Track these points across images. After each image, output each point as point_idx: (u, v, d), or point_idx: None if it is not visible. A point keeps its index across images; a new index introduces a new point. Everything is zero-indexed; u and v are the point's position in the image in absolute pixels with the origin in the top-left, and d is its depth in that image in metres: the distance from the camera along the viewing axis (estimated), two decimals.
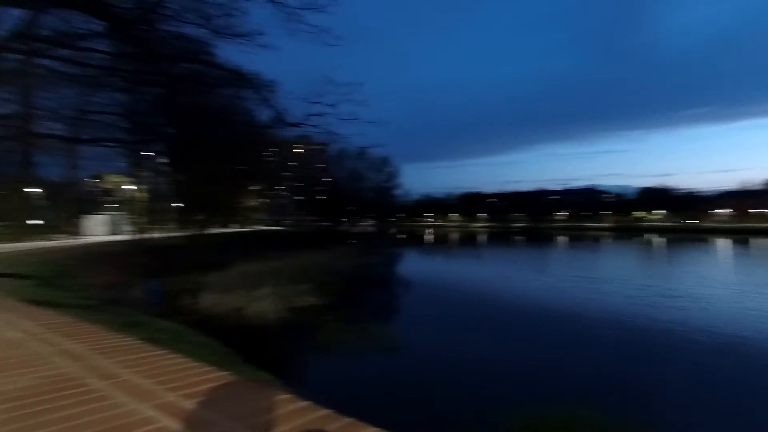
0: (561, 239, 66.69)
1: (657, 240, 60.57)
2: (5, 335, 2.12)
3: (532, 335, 11.03)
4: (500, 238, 72.43)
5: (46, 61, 11.65)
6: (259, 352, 9.29)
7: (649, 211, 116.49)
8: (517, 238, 72.95)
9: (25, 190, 26.20)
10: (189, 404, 1.25)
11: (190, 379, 1.46)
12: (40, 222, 34.30)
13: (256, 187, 41.41)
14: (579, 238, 71.41)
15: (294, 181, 67.93)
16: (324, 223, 56.44)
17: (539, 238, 69.98)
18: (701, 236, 65.44)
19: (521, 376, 8.17)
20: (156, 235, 28.06)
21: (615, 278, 20.54)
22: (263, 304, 12.88)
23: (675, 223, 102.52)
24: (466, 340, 10.59)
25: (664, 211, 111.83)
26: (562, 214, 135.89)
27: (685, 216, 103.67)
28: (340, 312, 12.46)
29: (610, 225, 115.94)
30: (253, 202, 44.81)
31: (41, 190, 34.56)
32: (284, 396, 1.34)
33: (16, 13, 9.42)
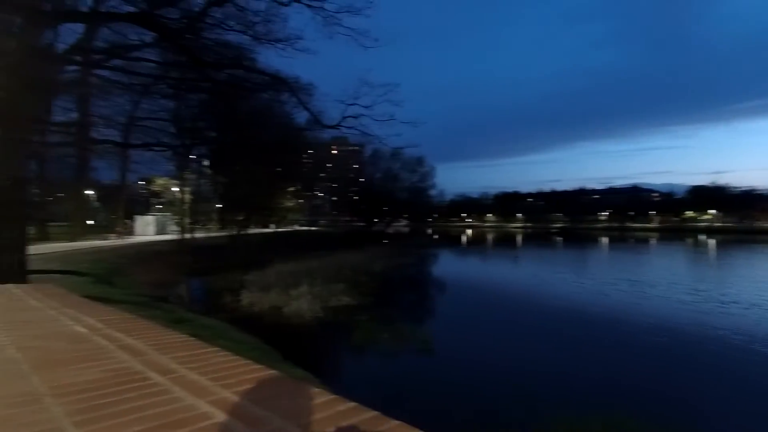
0: (603, 240, 64.07)
1: (709, 241, 57.01)
2: (73, 329, 2.27)
3: (571, 340, 10.65)
4: (538, 239, 70.47)
5: (101, 72, 12.44)
6: (296, 350, 9.50)
7: (700, 210, 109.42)
8: (555, 239, 70.74)
9: (83, 192, 28.03)
10: (242, 401, 1.29)
11: (241, 377, 1.51)
12: (94, 222, 36.58)
13: (293, 188, 42.40)
14: (622, 239, 68.33)
15: (329, 181, 69.04)
16: (358, 224, 56.88)
17: (579, 239, 67.54)
18: (759, 237, 60.96)
19: (561, 382, 7.90)
20: (199, 234, 29.29)
21: (661, 281, 19.50)
22: (300, 303, 13.15)
23: (729, 224, 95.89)
24: (502, 344, 10.38)
25: (715, 211, 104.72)
26: (604, 214, 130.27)
27: (741, 216, 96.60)
28: (374, 312, 12.52)
29: (657, 225, 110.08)
30: (290, 203, 45.87)
31: (95, 193, 36.85)
32: (331, 396, 1.36)
33: (76, 27, 10.08)
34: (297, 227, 59.73)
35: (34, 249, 11.98)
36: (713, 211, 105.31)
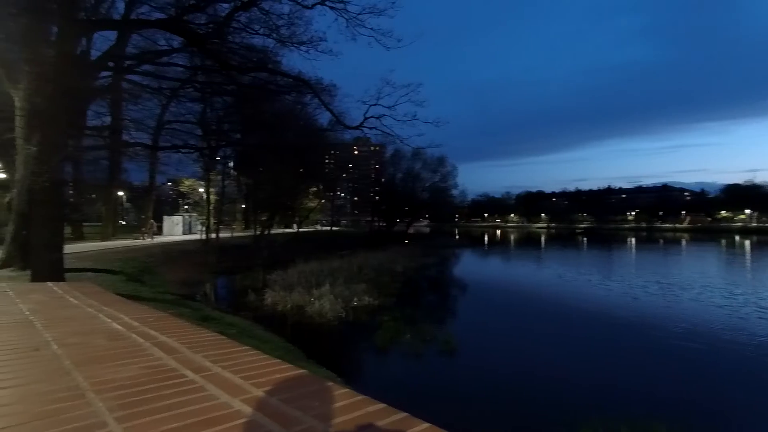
0: (630, 241, 62.21)
1: (744, 242, 54.60)
2: (111, 327, 2.36)
3: (597, 345, 10.39)
4: (562, 239, 69.01)
5: (132, 77, 12.88)
6: (319, 349, 9.59)
7: (734, 210, 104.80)
8: (581, 239, 69.11)
9: (114, 194, 29.06)
10: (273, 400, 1.31)
11: (271, 376, 1.54)
12: (125, 223, 37.82)
13: (315, 189, 42.84)
14: (651, 240, 66.18)
15: (351, 182, 69.44)
16: (380, 224, 56.96)
17: (606, 239, 65.79)
18: None
19: (585, 387, 7.72)
20: (224, 234, 29.93)
21: (694, 284, 18.78)
22: (322, 302, 13.26)
23: (766, 224, 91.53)
24: (525, 346, 10.20)
25: (750, 211, 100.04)
26: (632, 213, 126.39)
27: None
28: (396, 312, 12.52)
29: (688, 226, 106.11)
30: (312, 203, 46.37)
31: (126, 194, 38.13)
32: (360, 396, 1.37)
33: (109, 35, 10.46)
34: (319, 227, 60.32)
35: (69, 248, 12.49)
36: (748, 211, 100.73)
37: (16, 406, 1.28)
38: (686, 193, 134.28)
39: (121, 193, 33.24)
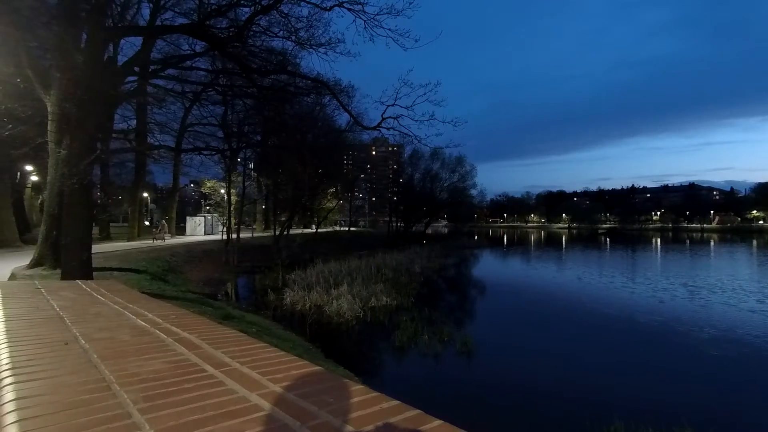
0: (656, 242, 60.48)
1: None
2: (135, 323, 2.44)
3: (617, 348, 10.14)
4: (585, 240, 67.60)
5: (157, 81, 13.26)
6: (337, 349, 9.66)
7: (766, 209, 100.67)
8: (603, 239, 67.55)
9: (140, 195, 29.93)
10: (290, 395, 1.34)
11: (289, 372, 1.57)
12: (149, 223, 38.85)
13: (334, 189, 43.14)
14: (678, 240, 64.19)
15: (369, 182, 69.65)
16: (398, 224, 56.92)
17: (629, 240, 64.12)
18: None
19: (605, 392, 7.54)
20: (244, 235, 30.45)
21: (725, 287, 18.12)
22: (340, 302, 13.34)
23: None
24: (545, 349, 10.03)
25: None
26: (657, 214, 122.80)
27: None
28: (415, 313, 12.50)
29: (717, 226, 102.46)
30: (330, 204, 46.69)
31: (150, 195, 39.19)
32: (374, 393, 1.39)
33: (135, 41, 10.79)
34: (337, 228, 60.70)
35: (96, 248, 12.92)
36: None
37: (48, 396, 1.35)
38: (714, 192, 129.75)
39: (146, 195, 34.21)
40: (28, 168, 25.55)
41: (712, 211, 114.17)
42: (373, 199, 79.39)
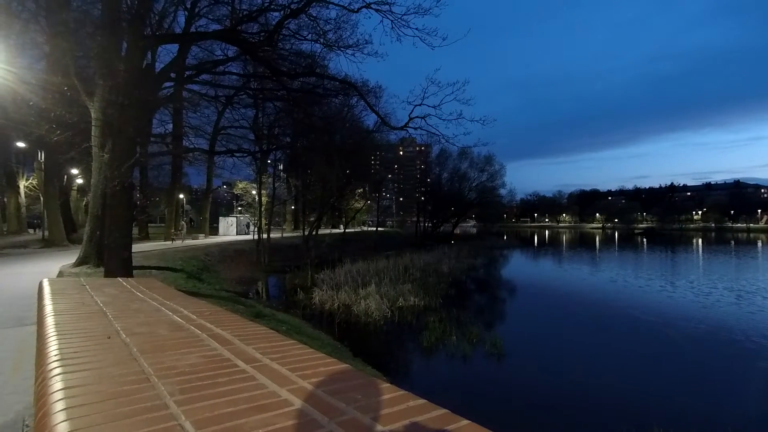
0: (696, 242, 57.57)
1: None
2: (172, 319, 2.54)
3: (651, 354, 9.72)
4: (620, 240, 65.16)
5: (192, 86, 13.74)
6: (365, 348, 9.72)
7: None
8: (640, 240, 64.89)
9: (176, 196, 31.07)
10: (319, 391, 1.36)
11: (317, 369, 1.60)
12: (184, 224, 40.22)
13: (362, 190, 43.39)
14: (721, 240, 60.86)
15: (397, 182, 69.65)
16: (426, 224, 56.62)
17: (668, 240, 61.33)
18: None
19: (636, 399, 7.25)
20: (275, 235, 31.09)
21: None
22: (368, 302, 13.40)
23: None
24: (577, 353, 9.75)
25: None
26: (699, 213, 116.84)
27: None
28: (443, 313, 12.41)
29: (765, 226, 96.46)
30: (358, 204, 46.97)
31: (186, 196, 40.65)
32: (401, 392, 1.39)
33: (171, 48, 11.22)
34: (365, 228, 61.01)
35: (136, 247, 13.50)
36: None
37: (93, 386, 1.43)
38: (762, 190, 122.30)
39: (181, 196, 35.49)
40: (74, 171, 27.04)
41: (759, 210, 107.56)
42: (401, 199, 79.25)
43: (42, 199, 24.29)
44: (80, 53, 11.03)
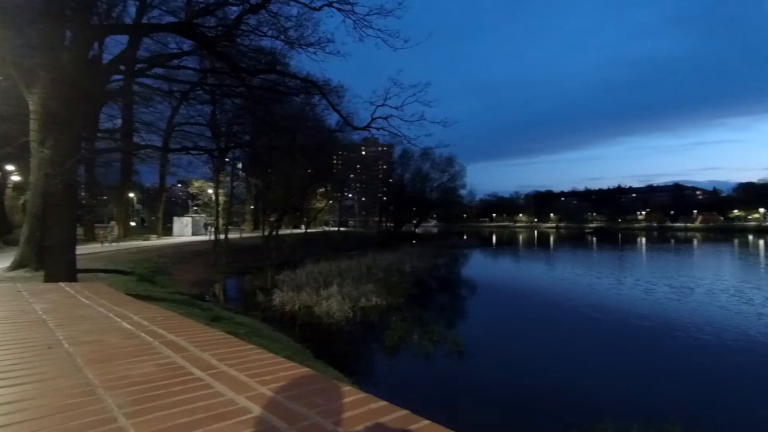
0: (641, 241, 61.45)
1: (758, 242, 53.73)
2: (121, 326, 2.41)
3: (602, 345, 10.30)
4: (572, 239, 68.41)
5: (144, 80, 13.07)
6: (327, 349, 9.64)
7: (748, 209, 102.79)
8: (590, 239, 68.42)
9: (126, 195, 29.47)
10: (278, 397, 1.34)
11: (277, 374, 1.57)
12: (135, 224, 38.27)
13: (324, 189, 42.99)
14: (663, 239, 65.28)
15: (359, 182, 69.61)
16: (388, 224, 56.96)
17: (615, 239, 65.07)
18: None
19: (595, 389, 7.66)
20: (233, 235, 30.19)
21: (715, 287, 18.42)
22: (330, 303, 13.31)
23: None
24: (535, 348, 10.15)
25: (765, 210, 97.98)
26: (643, 213, 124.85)
27: None
28: (405, 313, 12.53)
29: (700, 225, 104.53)
30: (320, 204, 46.51)
31: (137, 195, 38.66)
32: (363, 394, 1.39)
33: (121, 39, 10.63)
34: (327, 228, 60.51)
35: (81, 249, 12.68)
36: (763, 210, 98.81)
37: (33, 401, 1.33)
38: (698, 192, 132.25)
39: (132, 195, 33.71)
40: (10, 168, 25.01)
41: (695, 211, 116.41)
42: (363, 199, 79.34)
43: None
44: (19, 41, 10.21)
